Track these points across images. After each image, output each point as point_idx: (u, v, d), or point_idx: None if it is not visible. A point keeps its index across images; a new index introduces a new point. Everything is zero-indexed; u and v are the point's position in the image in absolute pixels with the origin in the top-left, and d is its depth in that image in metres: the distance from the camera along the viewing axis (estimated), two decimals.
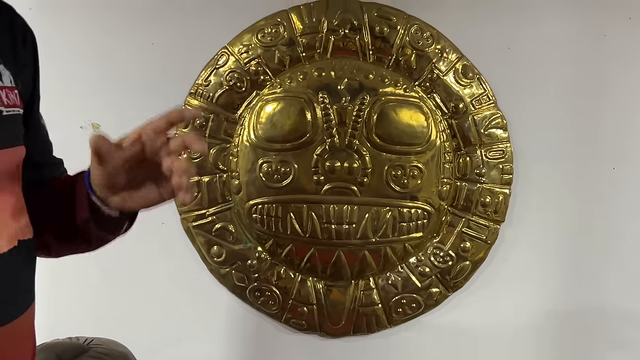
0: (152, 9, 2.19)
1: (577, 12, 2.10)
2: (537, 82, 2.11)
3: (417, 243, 2.17)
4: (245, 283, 2.25)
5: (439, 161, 2.14)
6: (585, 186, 2.13)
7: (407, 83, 2.14)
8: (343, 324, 2.23)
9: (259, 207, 2.19)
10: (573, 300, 2.16)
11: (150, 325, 2.27)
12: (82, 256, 1.78)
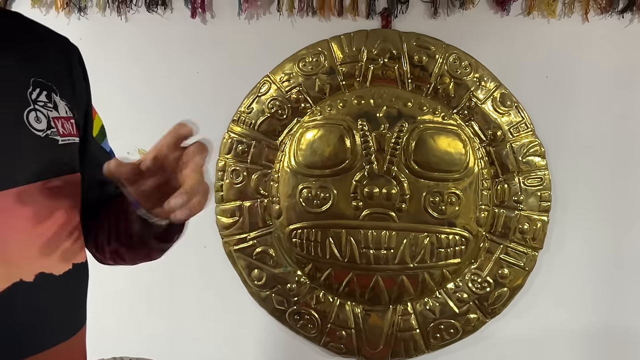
0: (196, 39, 2.22)
1: (615, 41, 2.07)
2: (574, 110, 2.11)
3: (455, 269, 2.17)
4: (285, 306, 2.25)
5: (477, 188, 2.14)
6: (623, 214, 2.11)
7: (445, 111, 2.15)
8: (381, 348, 2.22)
9: (298, 231, 2.20)
10: (610, 328, 2.14)
11: (189, 346, 2.28)
12: (123, 279, 1.85)
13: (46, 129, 1.21)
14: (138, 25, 2.21)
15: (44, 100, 1.24)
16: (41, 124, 1.21)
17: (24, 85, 1.23)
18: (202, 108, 2.20)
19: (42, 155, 1.20)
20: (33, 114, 1.20)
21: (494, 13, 2.13)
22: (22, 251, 1.16)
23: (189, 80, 2.20)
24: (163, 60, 2.20)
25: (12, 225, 1.15)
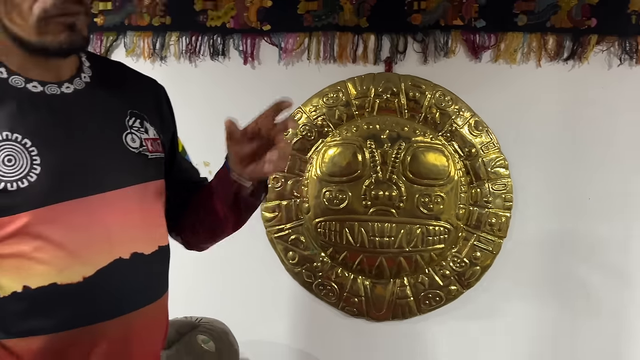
0: (247, 79, 2.25)
1: (561, 81, 2.10)
2: (530, 133, 2.14)
3: (439, 252, 2.20)
4: (312, 279, 2.29)
5: (457, 191, 2.17)
6: (567, 211, 2.14)
7: (432, 133, 2.17)
8: (384, 311, 2.25)
9: (322, 223, 2.24)
10: (555, 294, 2.17)
11: (241, 310, 2.30)
12: (194, 259, 1.89)
13: (139, 147, 1.28)
14: (204, 70, 2.26)
15: (137, 126, 1.30)
16: (135, 143, 1.28)
17: (123, 115, 1.29)
18: None
19: (136, 166, 1.27)
20: (130, 136, 1.27)
21: (470, 60, 2.15)
22: (121, 236, 1.22)
23: (242, 110, 2.06)
24: (223, 95, 2.26)
25: (115, 216, 1.21)
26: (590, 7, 2.06)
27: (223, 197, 1.37)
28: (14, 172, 1.12)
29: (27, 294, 1.14)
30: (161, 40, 2.26)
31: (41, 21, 1.12)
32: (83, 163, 1.20)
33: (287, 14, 2.20)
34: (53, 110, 1.19)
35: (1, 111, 1.14)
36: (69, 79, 1.24)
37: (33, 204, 1.13)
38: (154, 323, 1.33)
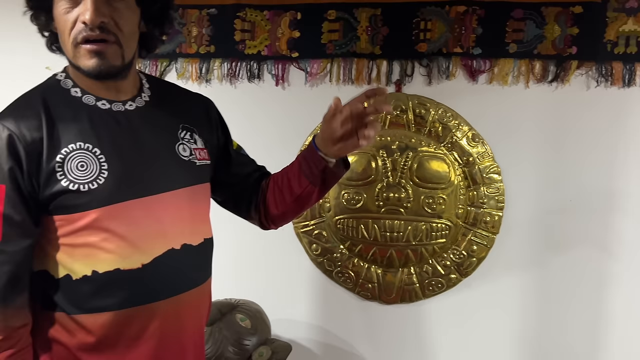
0: (279, 98, 2.25)
1: (546, 100, 2.09)
2: (520, 144, 2.13)
3: (441, 246, 2.19)
4: (332, 268, 2.29)
5: (456, 194, 2.16)
6: (552, 211, 2.13)
7: (436, 144, 2.17)
8: (393, 296, 2.25)
9: (341, 220, 2.24)
10: (540, 279, 2.16)
11: (272, 293, 2.30)
12: (231, 250, 1.90)
13: (189, 155, 1.30)
14: (242, 90, 2.26)
15: (188, 137, 1.32)
16: (186, 152, 1.30)
17: (176, 129, 1.31)
18: (283, 141, 2.25)
19: (186, 171, 1.29)
20: (181, 146, 1.30)
21: (468, 82, 2.14)
22: (173, 229, 1.24)
23: (275, 124, 2.26)
24: (258, 112, 2.27)
25: (169, 213, 1.23)
26: (572, 37, 2.05)
27: (309, 174, 1.36)
28: (86, 176, 1.15)
29: (95, 277, 1.17)
30: (206, 65, 2.27)
31: (74, 48, 1.15)
32: (143, 169, 1.22)
33: (312, 43, 2.20)
34: (118, 124, 1.22)
35: (76, 124, 1.18)
36: (131, 98, 1.27)
37: (101, 203, 1.15)
38: (199, 303, 1.34)
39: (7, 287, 1.13)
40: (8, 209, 1.11)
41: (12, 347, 1.14)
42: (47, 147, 1.13)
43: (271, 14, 2.21)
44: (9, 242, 1.12)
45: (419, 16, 2.14)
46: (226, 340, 1.92)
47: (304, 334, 2.34)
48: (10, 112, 1.16)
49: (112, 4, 1.14)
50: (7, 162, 1.11)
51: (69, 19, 1.13)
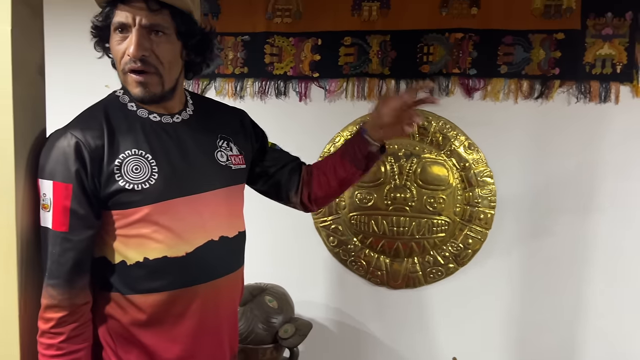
0: (304, 112, 2.24)
1: (532, 114, 2.08)
2: (509, 152, 2.12)
3: (441, 239, 2.18)
4: (347, 257, 2.27)
5: (455, 194, 2.16)
6: (537, 211, 2.12)
7: (437, 152, 2.17)
8: (399, 282, 2.24)
9: (355, 217, 2.23)
10: (525, 268, 2.15)
11: (296, 278, 2.27)
12: (261, 243, 1.88)
13: (226, 161, 1.31)
14: (271, 105, 2.25)
15: (225, 145, 1.33)
16: (223, 158, 1.31)
17: (215, 138, 1.32)
18: (305, 150, 2.07)
19: (224, 175, 1.31)
20: (219, 153, 1.31)
21: (464, 98, 2.13)
22: (213, 223, 1.25)
23: (298, 133, 2.24)
24: (285, 123, 2.24)
25: (209, 210, 1.25)
26: (555, 59, 2.04)
27: (354, 158, 1.39)
28: (139, 177, 1.17)
29: (146, 263, 1.18)
30: (240, 84, 2.28)
31: (123, 75, 1.18)
32: (187, 172, 1.24)
33: (330, 65, 2.20)
34: (167, 133, 1.24)
35: (131, 133, 1.19)
36: (178, 112, 1.29)
37: (152, 200, 1.17)
38: (234, 287, 1.35)
39: (72, 270, 1.15)
40: (74, 205, 1.13)
41: (76, 321, 1.16)
42: (108, 153, 1.15)
43: (296, 40, 2.21)
44: (74, 233, 1.14)
45: (422, 42, 2.13)
46: (256, 319, 1.92)
47: (322, 314, 2.34)
48: (77, 123, 1.18)
49: (153, 39, 1.15)
50: (74, 165, 1.13)
51: (120, 50, 1.16)
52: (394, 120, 1.31)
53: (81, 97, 1.38)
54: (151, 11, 1.13)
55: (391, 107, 1.30)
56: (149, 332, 1.21)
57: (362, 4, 2.15)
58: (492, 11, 2.07)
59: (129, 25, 1.13)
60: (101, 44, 1.24)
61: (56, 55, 1.49)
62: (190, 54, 1.25)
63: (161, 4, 1.14)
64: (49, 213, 1.13)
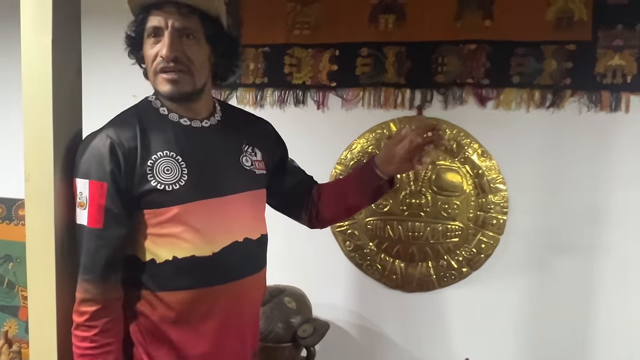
0: (319, 120, 2.26)
1: (543, 122, 2.08)
2: (522, 159, 2.12)
3: (455, 244, 2.19)
4: (362, 262, 2.28)
5: (468, 200, 2.16)
6: (548, 216, 2.11)
7: (451, 159, 2.17)
8: (414, 285, 2.24)
9: (371, 222, 2.25)
10: (539, 274, 2.15)
11: (313, 281, 2.27)
12: (281, 246, 1.88)
13: (250, 166, 1.35)
14: (290, 114, 2.28)
15: (249, 151, 1.36)
16: (248, 163, 1.35)
17: (240, 143, 1.36)
18: (323, 156, 2.27)
19: (248, 179, 1.34)
20: (244, 158, 1.35)
21: (478, 107, 2.13)
22: (237, 225, 1.29)
23: (316, 141, 2.28)
24: (303, 132, 2.27)
25: (234, 212, 1.28)
26: (566, 70, 2.05)
27: (364, 190, 1.42)
28: (170, 178, 1.20)
29: (175, 262, 1.21)
30: (261, 93, 2.32)
31: (154, 76, 1.22)
32: (214, 175, 1.27)
33: (348, 75, 2.23)
34: (196, 137, 1.27)
35: (163, 136, 1.23)
36: (207, 117, 1.32)
37: (181, 201, 1.20)
38: (256, 287, 1.37)
39: (106, 266, 1.18)
40: (109, 203, 1.17)
41: (108, 315, 1.19)
42: (141, 154, 1.19)
43: (314, 51, 2.25)
44: (108, 230, 1.18)
45: (437, 53, 2.15)
46: (276, 319, 1.94)
47: (339, 315, 2.35)
48: (112, 125, 1.23)
49: (184, 41, 1.20)
50: (109, 165, 1.16)
51: (152, 53, 1.21)
52: (405, 157, 1.33)
53: (111, 103, 1.43)
54: (182, 15, 1.18)
55: (402, 147, 1.32)
56: (177, 329, 1.24)
57: (378, 16, 2.18)
58: (505, 23, 2.09)
59: (162, 29, 1.19)
60: (134, 52, 1.29)
61: (91, 62, 1.53)
62: (219, 59, 1.28)
63: (192, 9, 1.19)
64: (84, 211, 1.17)
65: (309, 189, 1.53)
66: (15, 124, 1.78)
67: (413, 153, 1.31)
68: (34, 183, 1.20)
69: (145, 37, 1.22)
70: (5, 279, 2.61)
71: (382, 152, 1.39)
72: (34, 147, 1.20)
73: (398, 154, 1.33)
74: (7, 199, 2.62)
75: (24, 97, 1.19)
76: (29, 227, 1.21)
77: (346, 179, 1.51)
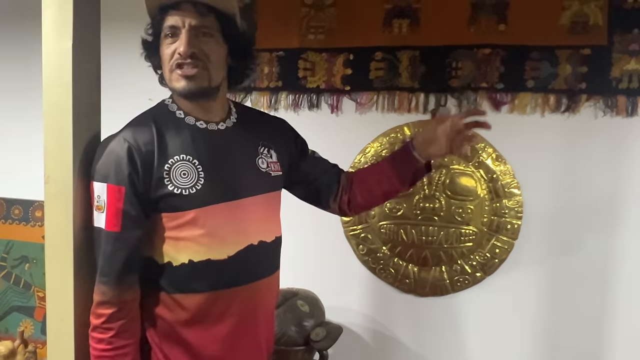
0: (333, 123, 2.26)
1: (559, 127, 2.07)
2: (537, 163, 2.11)
3: (469, 248, 2.18)
4: (376, 265, 2.28)
5: (482, 205, 2.15)
6: (563, 221, 2.10)
7: (465, 163, 2.17)
8: (427, 290, 2.23)
9: (384, 225, 2.25)
10: (553, 281, 2.13)
11: (327, 284, 2.24)
12: (295, 249, 1.86)
13: (266, 168, 1.35)
14: (304, 117, 2.28)
15: (265, 152, 1.37)
16: (264, 165, 1.35)
17: (256, 145, 1.36)
18: (336, 160, 2.10)
19: (264, 181, 1.35)
20: (260, 160, 1.35)
21: (492, 112, 2.12)
22: (253, 228, 1.29)
23: (330, 144, 2.10)
24: (317, 134, 2.09)
25: (249, 215, 1.29)
26: (582, 74, 2.04)
27: (401, 174, 1.41)
28: (187, 182, 1.21)
29: (191, 265, 1.22)
30: (275, 97, 2.32)
31: (170, 73, 1.22)
32: (230, 178, 1.27)
33: (362, 79, 2.23)
34: (212, 140, 1.28)
35: (180, 139, 1.24)
36: (223, 119, 1.33)
37: (198, 205, 1.21)
38: (271, 289, 1.38)
39: (123, 268, 1.20)
40: (127, 206, 1.18)
41: (124, 317, 1.21)
42: (158, 158, 1.20)
43: (328, 55, 2.25)
44: (126, 232, 1.19)
45: (451, 57, 2.15)
46: (289, 322, 1.95)
47: (352, 319, 2.35)
48: (129, 129, 1.24)
49: (201, 39, 1.21)
50: (127, 168, 1.18)
51: (169, 51, 1.22)
52: (447, 140, 1.33)
53: (129, 105, 1.45)
54: (200, 14, 1.20)
55: (444, 130, 1.32)
56: (193, 330, 1.25)
57: (392, 21, 2.19)
58: (519, 27, 2.08)
59: (179, 28, 1.20)
60: (150, 56, 1.30)
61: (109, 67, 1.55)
62: (235, 59, 1.30)
63: (209, 8, 1.21)
64: (102, 214, 1.19)
65: (336, 176, 1.53)
66: (33, 125, 1.80)
67: (453, 137, 1.32)
68: (54, 185, 1.22)
69: (162, 37, 1.24)
70: (22, 280, 2.63)
71: (420, 134, 1.38)
72: (53, 149, 1.22)
73: (438, 137, 1.33)
74: (24, 201, 2.65)
75: (45, 100, 1.22)
76: (48, 229, 1.23)
77: (381, 164, 1.49)
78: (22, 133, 2.63)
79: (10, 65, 2.66)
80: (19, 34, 2.62)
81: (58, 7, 1.18)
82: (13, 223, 2.66)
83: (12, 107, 2.67)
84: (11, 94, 2.67)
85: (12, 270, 2.65)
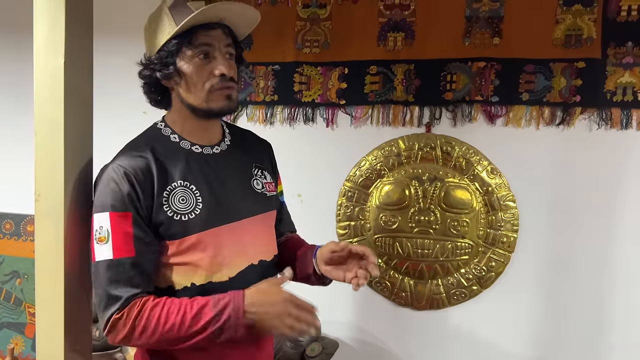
0: (329, 137, 2.25)
1: (553, 140, 2.07)
2: (532, 176, 2.11)
3: (465, 261, 2.17)
4: (372, 279, 2.19)
5: (478, 218, 2.15)
6: (559, 234, 2.10)
7: (460, 176, 2.16)
8: (423, 303, 2.22)
9: (380, 239, 2.23)
10: (549, 294, 2.12)
11: (322, 299, 2.16)
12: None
13: (261, 188, 1.35)
14: (299, 131, 2.27)
15: (259, 174, 1.37)
16: (259, 186, 1.34)
17: (250, 167, 1.36)
18: (332, 173, 2.26)
19: (260, 201, 1.34)
20: (255, 181, 1.34)
21: (487, 124, 2.12)
22: (253, 249, 1.29)
23: (325, 158, 2.27)
24: (312, 148, 2.27)
25: (249, 236, 1.28)
26: (576, 87, 2.04)
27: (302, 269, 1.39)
28: (186, 207, 1.19)
29: (192, 288, 1.20)
30: (271, 111, 2.30)
31: (209, 94, 1.20)
32: (228, 201, 1.26)
33: (357, 92, 2.22)
34: (208, 164, 1.27)
35: (177, 165, 1.22)
36: (217, 143, 1.32)
37: (197, 229, 1.19)
38: None
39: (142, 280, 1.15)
40: (137, 231, 1.15)
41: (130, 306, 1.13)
42: (157, 184, 1.18)
43: (324, 69, 2.24)
44: (140, 257, 1.15)
45: (445, 70, 2.15)
46: (284, 337, 1.93)
47: (348, 333, 2.32)
48: (124, 156, 1.20)
49: (230, 61, 1.24)
50: (128, 194, 1.14)
51: (204, 72, 1.20)
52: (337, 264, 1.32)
53: (123, 123, 1.42)
54: (226, 36, 1.23)
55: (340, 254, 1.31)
56: (194, 354, 1.20)
57: (387, 35, 2.18)
58: (514, 41, 2.08)
59: (214, 48, 1.20)
60: (166, 73, 1.22)
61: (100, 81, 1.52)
62: (239, 79, 1.32)
63: (230, 31, 1.25)
64: (106, 245, 1.13)
65: (282, 234, 1.52)
66: (24, 134, 1.77)
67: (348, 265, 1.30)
68: (45, 203, 1.18)
69: (192, 56, 1.19)
70: (13, 295, 2.58)
71: (324, 247, 1.35)
72: (45, 167, 1.18)
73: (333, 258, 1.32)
74: (16, 215, 2.60)
75: (36, 117, 1.18)
76: (39, 246, 1.19)
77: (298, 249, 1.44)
78: (13, 143, 2.59)
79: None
80: (13, 47, 2.58)
81: (49, 24, 1.15)
82: (4, 238, 2.60)
83: (2, 120, 2.62)
84: (0, 107, 2.63)
85: (3, 286, 2.59)
